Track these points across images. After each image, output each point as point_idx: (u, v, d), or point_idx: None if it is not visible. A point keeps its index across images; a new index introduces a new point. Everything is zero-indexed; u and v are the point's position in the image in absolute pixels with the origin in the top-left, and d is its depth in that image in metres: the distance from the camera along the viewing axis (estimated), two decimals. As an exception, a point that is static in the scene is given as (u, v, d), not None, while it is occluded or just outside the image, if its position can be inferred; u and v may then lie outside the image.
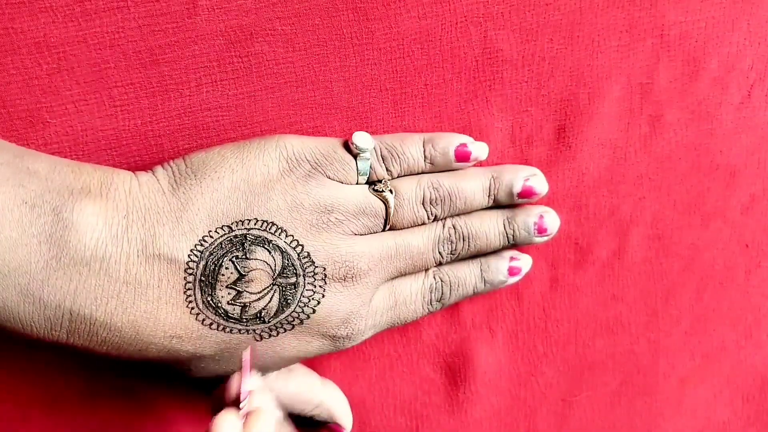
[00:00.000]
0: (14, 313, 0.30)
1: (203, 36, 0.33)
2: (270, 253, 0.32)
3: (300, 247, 0.33)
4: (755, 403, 0.51)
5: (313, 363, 0.40)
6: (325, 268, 0.33)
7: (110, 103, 0.33)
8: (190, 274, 0.31)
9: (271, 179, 0.32)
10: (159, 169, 0.33)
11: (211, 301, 0.32)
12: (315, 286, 0.33)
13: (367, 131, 0.37)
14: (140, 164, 0.34)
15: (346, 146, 0.34)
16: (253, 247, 0.32)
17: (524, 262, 0.40)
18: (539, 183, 0.38)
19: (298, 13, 0.33)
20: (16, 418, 0.38)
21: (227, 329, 0.33)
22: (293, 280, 0.33)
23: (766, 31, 0.40)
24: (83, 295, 0.30)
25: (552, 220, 0.39)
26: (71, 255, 0.29)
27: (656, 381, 0.47)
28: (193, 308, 0.32)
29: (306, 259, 0.33)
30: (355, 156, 0.34)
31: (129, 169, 0.34)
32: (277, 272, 0.33)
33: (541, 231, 0.39)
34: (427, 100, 0.37)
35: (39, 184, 0.29)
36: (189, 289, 0.31)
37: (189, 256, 0.31)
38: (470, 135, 0.38)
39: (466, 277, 0.38)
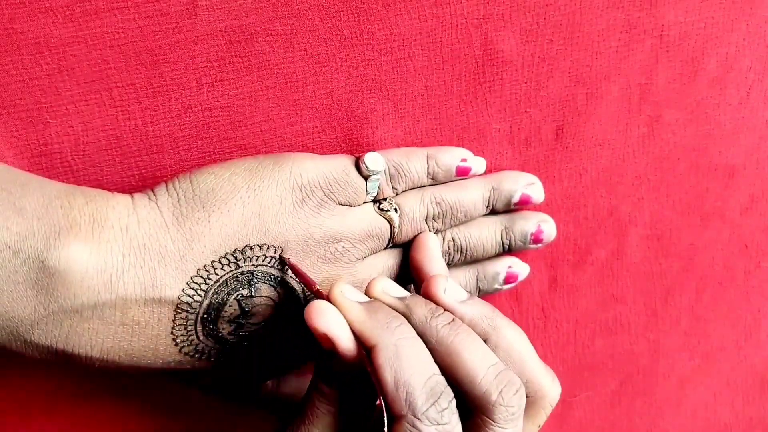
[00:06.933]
0: (6, 349, 0.29)
1: (203, 36, 0.33)
2: (275, 288, 0.32)
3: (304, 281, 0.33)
4: (756, 404, 0.51)
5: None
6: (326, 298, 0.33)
7: (110, 103, 0.33)
8: (192, 313, 0.30)
9: (284, 212, 0.31)
10: (162, 193, 0.31)
11: (211, 334, 0.31)
12: None
13: (366, 132, 0.37)
14: (140, 164, 0.34)
15: (357, 166, 0.34)
16: (260, 284, 0.31)
17: (521, 269, 0.40)
18: (536, 192, 0.38)
19: (298, 13, 0.33)
20: (17, 418, 0.38)
21: (225, 352, 0.33)
22: (295, 311, 0.33)
23: (765, 31, 0.40)
24: (75, 339, 0.29)
25: (549, 230, 0.39)
26: (60, 303, 0.28)
27: (656, 381, 0.47)
28: (193, 340, 0.31)
29: (310, 293, 0.33)
30: (365, 177, 0.34)
31: (129, 170, 0.34)
32: (280, 305, 0.32)
33: (537, 240, 0.39)
34: (427, 101, 0.37)
35: (24, 225, 0.27)
36: (190, 325, 0.31)
37: (192, 296, 0.30)
38: (469, 136, 0.38)
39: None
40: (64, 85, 0.32)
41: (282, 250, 0.32)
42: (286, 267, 0.32)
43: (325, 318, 0.29)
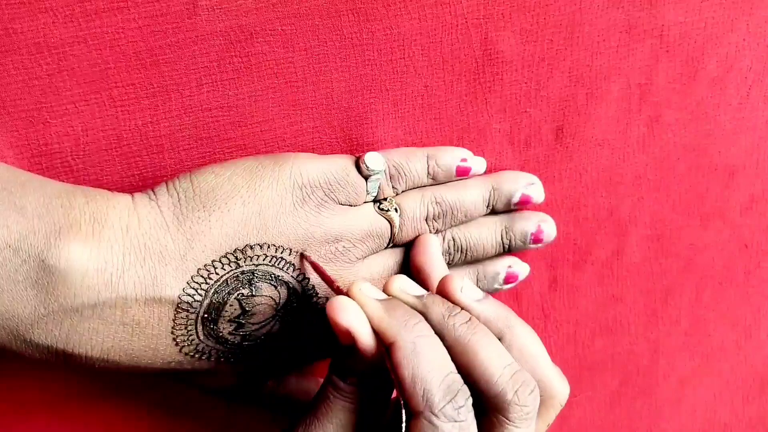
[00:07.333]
0: (7, 348, 0.29)
1: (203, 36, 0.33)
2: (276, 288, 0.32)
3: (306, 280, 0.33)
4: (756, 404, 0.51)
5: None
6: (328, 297, 0.33)
7: (110, 103, 0.33)
8: (193, 313, 0.30)
9: (284, 211, 0.31)
10: (163, 193, 0.31)
11: (212, 333, 0.31)
12: (316, 314, 0.33)
13: (366, 132, 0.37)
14: (140, 164, 0.34)
15: (357, 165, 0.34)
16: (260, 284, 0.31)
17: (521, 269, 0.40)
18: (536, 192, 0.38)
19: (298, 13, 0.33)
20: (17, 419, 0.38)
21: (226, 353, 0.32)
22: (296, 311, 0.33)
23: (764, 31, 0.40)
24: (75, 339, 0.29)
25: (549, 230, 0.39)
26: (60, 302, 0.28)
27: (656, 381, 0.47)
28: (193, 339, 0.31)
29: (311, 291, 0.33)
30: (366, 177, 0.34)
31: (129, 170, 0.34)
32: (281, 305, 0.32)
33: (537, 240, 0.39)
34: (427, 101, 0.37)
35: (25, 224, 0.28)
36: (191, 324, 0.31)
37: (192, 296, 0.30)
38: (469, 136, 0.38)
39: None
40: (64, 85, 0.32)
41: (302, 250, 0.32)
42: (297, 268, 0.32)
43: (347, 314, 0.29)
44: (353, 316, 0.29)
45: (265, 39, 0.33)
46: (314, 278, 0.33)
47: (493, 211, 0.38)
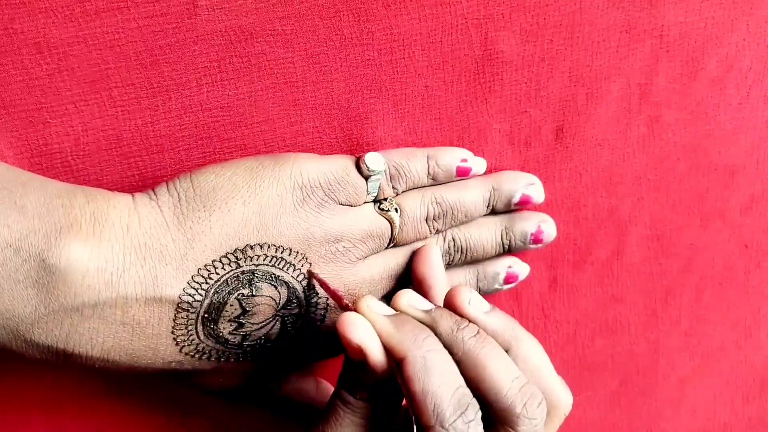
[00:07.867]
0: (7, 348, 0.29)
1: (203, 36, 0.33)
2: (276, 288, 0.32)
3: (306, 281, 0.33)
4: (756, 404, 0.51)
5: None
6: (328, 298, 0.33)
7: (110, 103, 0.33)
8: (193, 312, 0.30)
9: (284, 211, 0.32)
10: (163, 193, 0.31)
11: (212, 333, 0.31)
12: (316, 314, 0.33)
13: (367, 132, 0.37)
14: (140, 164, 0.34)
15: (358, 165, 0.34)
16: (260, 283, 0.31)
17: (521, 269, 0.40)
18: (537, 192, 0.38)
19: (298, 13, 0.33)
20: (17, 420, 0.38)
21: (226, 353, 0.33)
22: (296, 311, 0.33)
23: (764, 31, 0.40)
24: (75, 338, 0.29)
25: (549, 230, 0.39)
26: (60, 302, 0.28)
27: (656, 381, 0.47)
28: (193, 339, 0.31)
29: (311, 291, 0.33)
30: (366, 177, 0.34)
31: (129, 170, 0.34)
32: (281, 305, 0.32)
33: (537, 241, 0.39)
34: (427, 101, 0.37)
35: (25, 223, 0.28)
36: (191, 324, 0.31)
37: (192, 295, 0.30)
38: (469, 136, 0.38)
39: None
40: (64, 85, 0.32)
41: (310, 264, 0.32)
42: (298, 268, 0.32)
43: (357, 330, 0.29)
44: (363, 333, 0.29)
45: (265, 39, 0.33)
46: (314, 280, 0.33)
47: (494, 212, 0.38)
